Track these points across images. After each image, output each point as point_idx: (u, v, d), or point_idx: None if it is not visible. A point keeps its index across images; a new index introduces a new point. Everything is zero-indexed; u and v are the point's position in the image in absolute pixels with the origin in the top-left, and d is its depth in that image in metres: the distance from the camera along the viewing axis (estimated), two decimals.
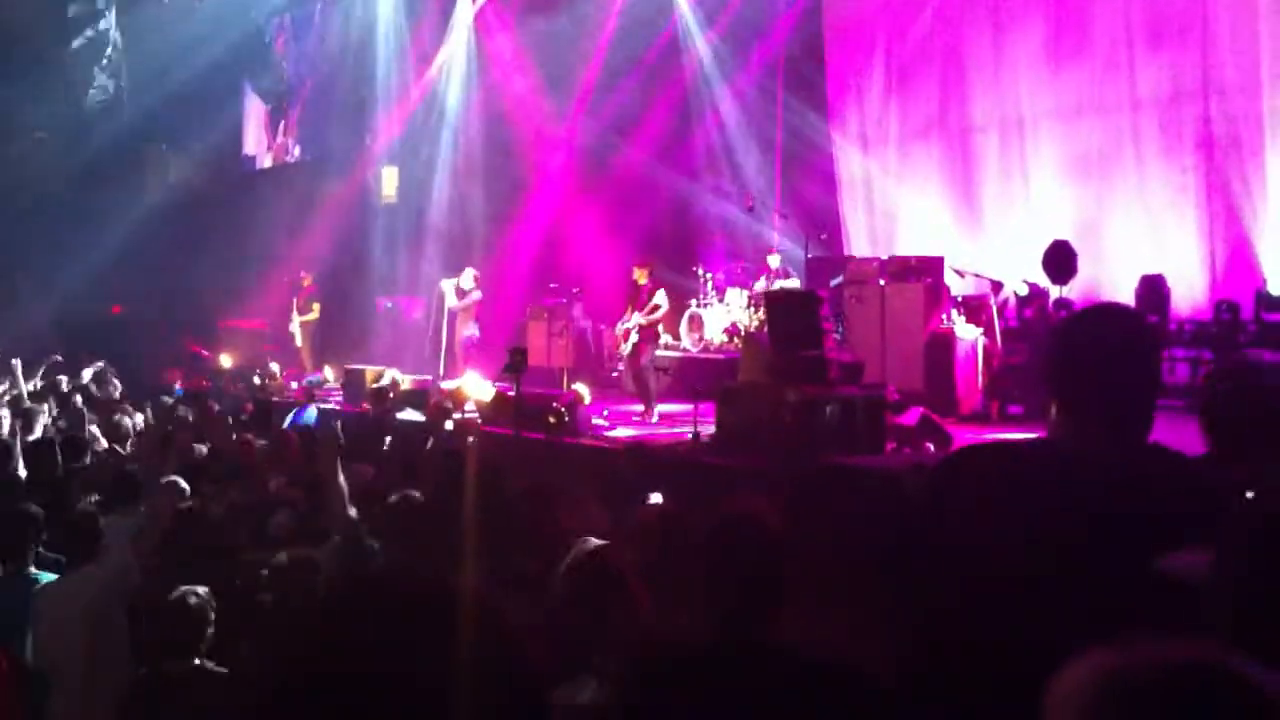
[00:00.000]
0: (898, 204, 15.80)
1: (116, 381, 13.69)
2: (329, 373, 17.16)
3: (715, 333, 14.93)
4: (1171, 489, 2.01)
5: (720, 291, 15.42)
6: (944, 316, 11.54)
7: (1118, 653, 1.18)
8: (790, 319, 9.88)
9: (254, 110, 23.86)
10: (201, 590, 4.39)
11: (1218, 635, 1.49)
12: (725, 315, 15.01)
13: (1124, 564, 1.83)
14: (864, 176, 16.23)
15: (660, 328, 13.00)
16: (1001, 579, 1.96)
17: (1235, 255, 12.41)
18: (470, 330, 15.48)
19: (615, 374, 14.93)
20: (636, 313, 12.36)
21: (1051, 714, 1.20)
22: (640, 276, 12.44)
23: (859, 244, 16.05)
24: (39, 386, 12.49)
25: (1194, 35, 12.75)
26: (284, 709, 1.19)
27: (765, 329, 11.59)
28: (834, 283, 12.63)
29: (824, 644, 2.52)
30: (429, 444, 9.08)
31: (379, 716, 1.14)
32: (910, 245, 14.61)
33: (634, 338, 12.33)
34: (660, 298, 12.36)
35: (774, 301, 10.97)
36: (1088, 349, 2.14)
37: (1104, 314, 2.27)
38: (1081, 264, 11.75)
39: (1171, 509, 1.93)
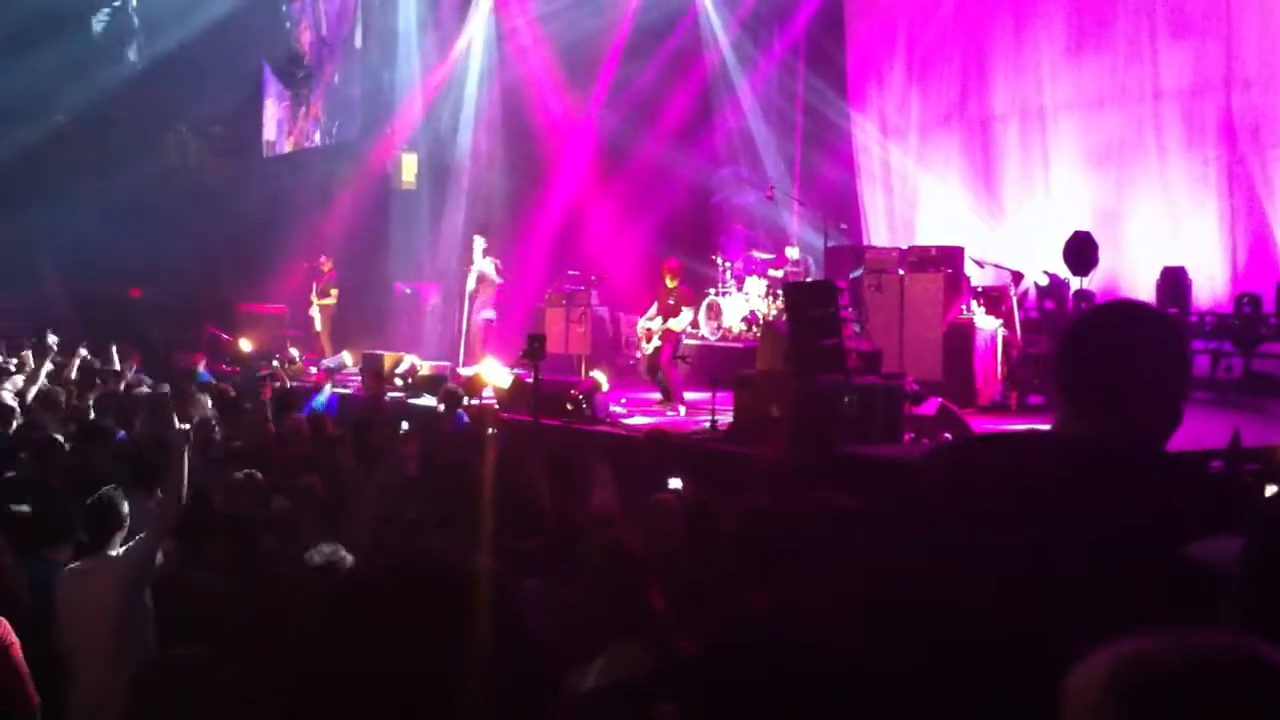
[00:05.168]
0: (918, 191, 15.75)
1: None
2: (347, 358, 17.22)
3: (734, 321, 14.90)
4: (1164, 481, 1.98)
5: (739, 280, 15.38)
6: (964, 307, 11.50)
7: (1138, 644, 1.15)
8: (809, 308, 9.86)
9: (274, 94, 23.88)
10: (209, 576, 4.38)
11: (1237, 625, 1.48)
12: (744, 304, 14.97)
13: (1121, 555, 1.80)
14: (884, 162, 16.18)
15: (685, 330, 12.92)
16: (993, 572, 1.93)
17: (1257, 248, 12.34)
18: (486, 314, 15.48)
19: (633, 362, 14.91)
20: (659, 318, 12.31)
21: (1067, 709, 1.18)
22: (670, 280, 12.36)
23: (878, 231, 16.01)
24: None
25: (1218, 25, 12.65)
26: (304, 689, 1.20)
27: (784, 317, 11.56)
28: (854, 274, 12.60)
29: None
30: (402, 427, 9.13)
31: (396, 694, 1.15)
32: (930, 233, 14.56)
33: (655, 341, 12.26)
34: (684, 315, 12.29)
35: (793, 290, 10.94)
36: (1090, 338, 2.12)
37: (1119, 306, 2.25)
38: (1102, 255, 11.70)
39: (1165, 502, 1.90)
